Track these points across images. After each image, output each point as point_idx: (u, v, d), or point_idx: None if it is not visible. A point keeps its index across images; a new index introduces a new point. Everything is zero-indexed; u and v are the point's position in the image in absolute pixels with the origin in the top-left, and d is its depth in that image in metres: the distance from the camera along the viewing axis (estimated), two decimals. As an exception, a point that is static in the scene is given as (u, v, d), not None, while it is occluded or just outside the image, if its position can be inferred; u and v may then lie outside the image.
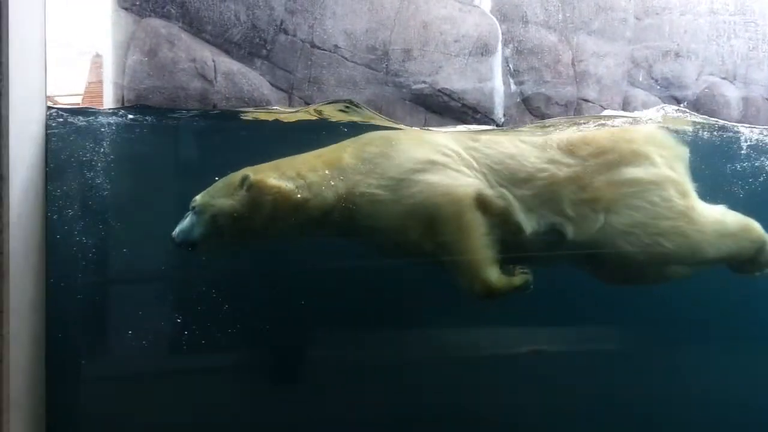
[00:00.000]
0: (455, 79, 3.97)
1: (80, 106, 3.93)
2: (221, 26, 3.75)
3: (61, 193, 2.45)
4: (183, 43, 3.80)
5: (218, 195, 2.95)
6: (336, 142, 3.21)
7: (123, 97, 3.77)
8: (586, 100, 4.17)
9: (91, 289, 2.57)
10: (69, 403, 2.53)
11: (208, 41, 3.81)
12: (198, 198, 2.94)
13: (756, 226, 3.35)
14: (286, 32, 3.93)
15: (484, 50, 4.04)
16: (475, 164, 3.13)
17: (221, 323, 3.05)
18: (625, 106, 4.35)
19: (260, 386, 3.27)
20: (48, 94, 2.44)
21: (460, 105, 3.96)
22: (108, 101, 3.94)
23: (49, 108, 2.27)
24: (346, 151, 3.17)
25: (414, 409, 3.30)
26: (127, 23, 3.79)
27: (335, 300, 3.24)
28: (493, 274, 2.94)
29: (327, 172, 3.03)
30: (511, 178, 3.12)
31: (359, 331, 3.36)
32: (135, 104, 3.44)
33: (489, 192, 3.07)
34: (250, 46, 3.85)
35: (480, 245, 2.96)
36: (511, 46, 4.17)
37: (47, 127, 2.13)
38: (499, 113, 4.03)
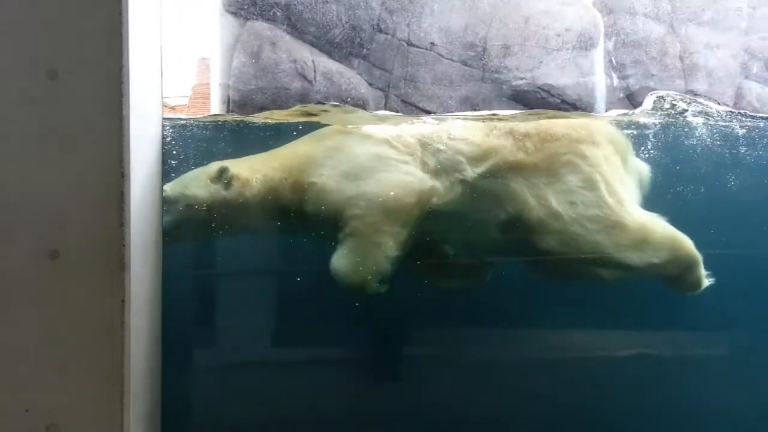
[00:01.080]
0: (556, 75, 3.88)
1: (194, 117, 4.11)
2: (323, 27, 3.83)
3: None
4: (284, 45, 3.90)
5: (192, 185, 3.02)
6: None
7: (229, 98, 3.92)
8: (696, 94, 3.98)
9: (204, 282, 2.69)
10: (182, 393, 2.67)
11: (309, 42, 3.90)
12: (168, 188, 2.95)
13: (686, 243, 3.18)
14: (383, 31, 3.96)
15: (586, 44, 3.93)
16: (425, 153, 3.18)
17: (330, 318, 3.12)
18: (738, 99, 4.12)
19: (368, 381, 3.32)
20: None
21: (559, 101, 3.87)
22: (215, 102, 4.11)
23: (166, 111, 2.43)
24: (304, 145, 3.27)
25: (513, 409, 3.26)
26: (233, 27, 3.93)
27: (443, 296, 3.25)
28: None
29: (285, 165, 3.13)
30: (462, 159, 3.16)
31: (465, 329, 3.34)
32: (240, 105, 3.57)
33: (432, 184, 3.12)
34: (350, 46, 3.91)
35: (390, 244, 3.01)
36: (614, 39, 4.03)
37: (163, 127, 2.25)
38: (601, 108, 3.91)
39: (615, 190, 3.20)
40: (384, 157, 3.11)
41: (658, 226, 3.17)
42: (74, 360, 1.74)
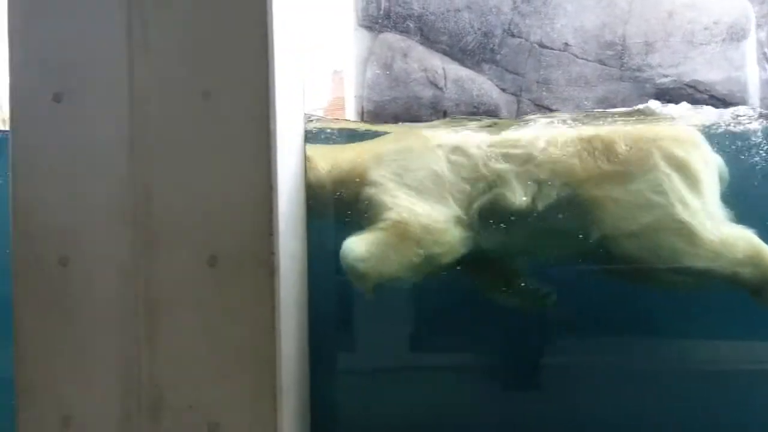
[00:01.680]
0: (704, 70, 3.66)
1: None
2: (456, 36, 3.86)
3: (314, 203, 2.73)
4: (416, 54, 3.97)
5: None
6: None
7: (363, 109, 4.03)
8: None
9: (346, 288, 2.78)
10: (329, 393, 2.78)
11: (440, 51, 3.94)
12: None
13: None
14: (515, 35, 3.92)
15: (737, 36, 3.67)
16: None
17: (471, 323, 3.13)
18: None
19: (505, 388, 3.30)
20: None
21: (707, 97, 3.64)
22: (350, 114, 4.24)
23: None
24: (380, 143, 3.22)
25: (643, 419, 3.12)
26: (366, 40, 4.04)
27: (579, 304, 3.17)
28: None
29: (354, 158, 3.08)
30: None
31: (599, 336, 3.24)
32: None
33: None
34: (482, 52, 3.90)
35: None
36: (767, 29, 3.75)
37: (305, 140, 2.36)
38: (755, 103, 3.63)
39: (693, 196, 3.02)
40: (439, 175, 3.03)
41: (741, 237, 2.95)
42: (231, 361, 1.86)
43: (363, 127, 3.72)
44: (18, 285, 1.94)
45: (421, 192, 3.01)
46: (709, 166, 3.05)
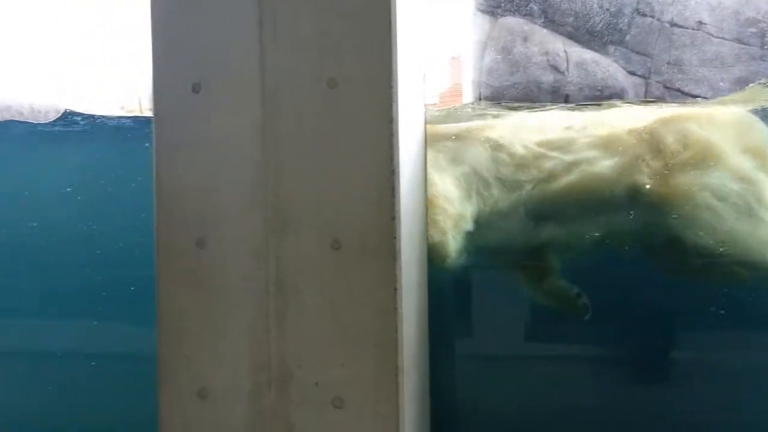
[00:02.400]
0: None
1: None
2: (583, 17, 3.74)
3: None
4: (536, 38, 3.88)
5: None
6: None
7: (480, 95, 4.00)
8: None
9: (464, 271, 2.81)
10: (448, 377, 2.82)
11: (565, 33, 3.83)
12: None
13: None
14: (645, 14, 3.74)
15: None
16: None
17: (597, 312, 3.06)
18: None
19: (625, 381, 3.21)
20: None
21: None
22: (466, 99, 4.22)
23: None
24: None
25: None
26: (485, 25, 3.99)
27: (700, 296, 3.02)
28: None
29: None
30: None
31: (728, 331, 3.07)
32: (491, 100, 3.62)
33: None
34: (609, 33, 3.76)
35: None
36: None
37: (425, 127, 2.38)
38: None
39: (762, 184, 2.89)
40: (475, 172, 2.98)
41: None
42: (354, 341, 1.92)
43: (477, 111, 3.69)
44: (160, 266, 2.09)
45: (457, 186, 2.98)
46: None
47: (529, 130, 3.08)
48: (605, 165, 2.94)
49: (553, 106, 3.49)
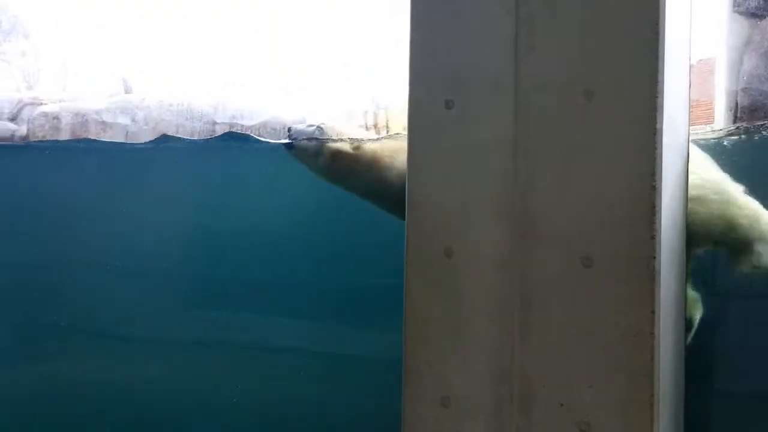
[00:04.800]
0: None
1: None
2: None
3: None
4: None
5: None
6: None
7: (737, 104, 3.64)
8: None
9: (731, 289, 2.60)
10: (703, 411, 2.59)
11: None
12: None
13: None
14: None
15: None
16: None
17: None
18: None
19: None
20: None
21: None
22: (719, 109, 3.86)
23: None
24: None
25: None
26: (743, 27, 3.64)
27: None
28: None
29: None
30: None
31: None
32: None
33: None
34: None
35: None
36: None
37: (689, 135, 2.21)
38: None
39: None
40: None
41: None
42: (604, 363, 1.83)
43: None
44: (409, 274, 2.18)
45: None
46: None
47: None
48: None
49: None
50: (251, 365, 4.73)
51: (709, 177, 2.79)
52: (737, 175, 2.76)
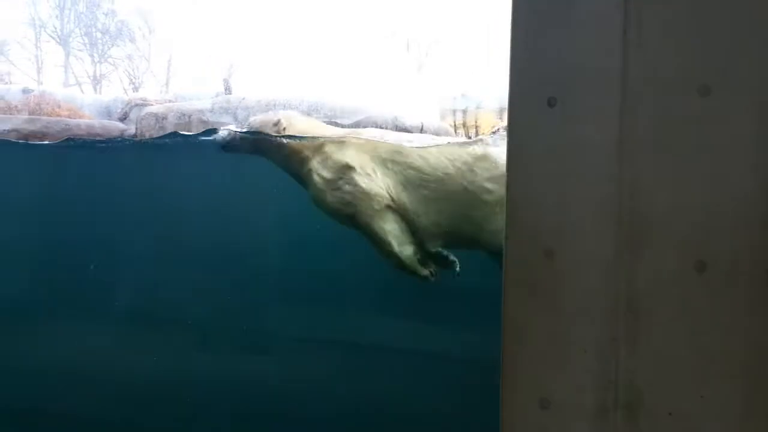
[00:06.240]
0: None
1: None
2: None
3: None
4: None
5: None
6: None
7: None
8: None
9: None
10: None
11: None
12: None
13: None
14: None
15: None
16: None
17: None
18: None
19: None
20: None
21: None
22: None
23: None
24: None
25: None
26: None
27: None
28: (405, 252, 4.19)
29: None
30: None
31: None
32: None
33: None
34: None
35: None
36: None
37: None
38: None
39: None
40: None
41: None
42: (718, 373, 1.75)
43: None
44: (508, 275, 2.15)
45: None
46: None
47: None
48: None
49: None
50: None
51: None
52: None
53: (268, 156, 4.68)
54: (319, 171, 4.35)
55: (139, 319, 5.53)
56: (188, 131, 5.90)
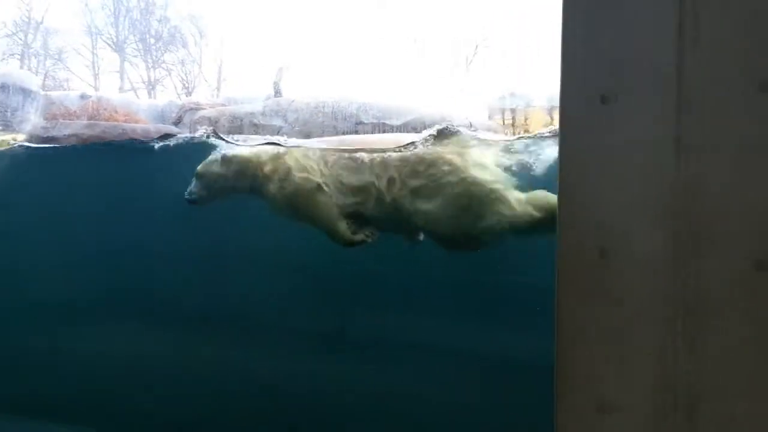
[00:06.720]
0: None
1: None
2: None
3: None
4: None
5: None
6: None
7: None
8: None
9: None
10: None
11: None
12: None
13: None
14: None
15: None
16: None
17: None
18: None
19: None
20: None
21: None
22: None
23: None
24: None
25: None
26: None
27: None
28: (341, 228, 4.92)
29: None
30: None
31: None
32: None
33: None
34: None
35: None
36: None
37: None
38: None
39: None
40: None
41: None
42: (782, 376, 1.70)
43: None
44: (561, 275, 2.12)
45: None
46: None
47: None
48: None
49: None
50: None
51: None
52: None
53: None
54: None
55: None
56: (240, 134, 6.02)
